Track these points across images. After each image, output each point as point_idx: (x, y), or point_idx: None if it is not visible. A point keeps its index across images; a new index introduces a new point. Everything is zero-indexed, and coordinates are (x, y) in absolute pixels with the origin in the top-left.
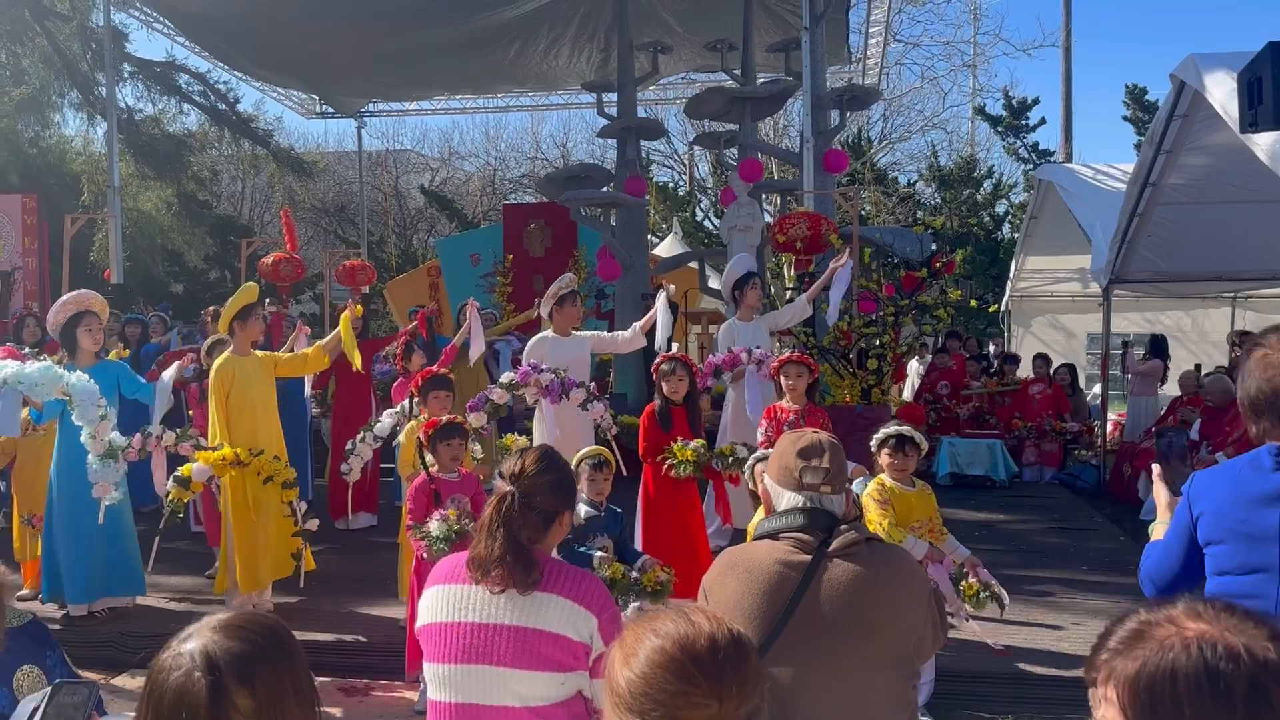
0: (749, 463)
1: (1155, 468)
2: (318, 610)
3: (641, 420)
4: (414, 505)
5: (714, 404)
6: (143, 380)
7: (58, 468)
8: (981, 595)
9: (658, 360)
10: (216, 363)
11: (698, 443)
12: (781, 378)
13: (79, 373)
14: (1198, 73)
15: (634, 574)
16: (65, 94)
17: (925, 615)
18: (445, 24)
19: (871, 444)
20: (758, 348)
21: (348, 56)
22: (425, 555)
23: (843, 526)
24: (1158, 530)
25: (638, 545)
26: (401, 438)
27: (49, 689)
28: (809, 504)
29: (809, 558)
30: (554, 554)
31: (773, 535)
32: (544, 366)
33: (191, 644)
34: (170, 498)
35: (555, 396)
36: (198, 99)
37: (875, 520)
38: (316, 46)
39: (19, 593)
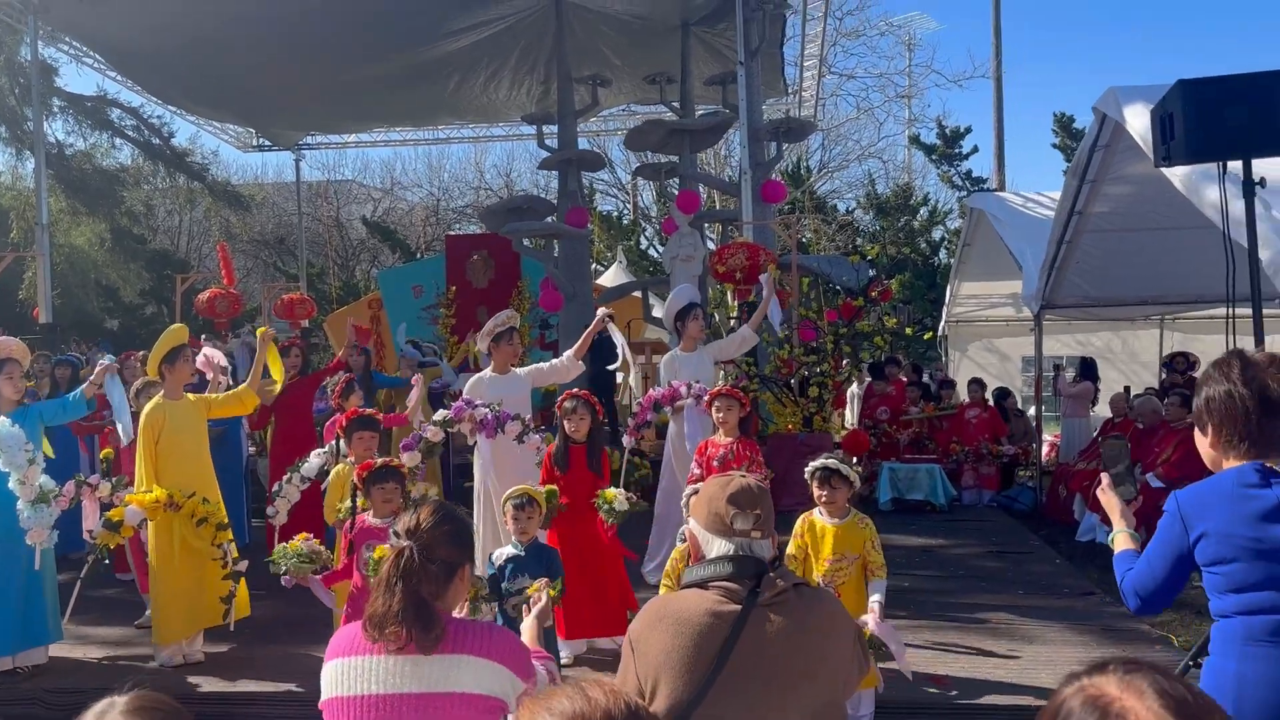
0: (685, 495)
1: (1104, 477)
2: (253, 658)
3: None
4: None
5: (659, 434)
6: (66, 397)
7: None
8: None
9: (560, 398)
10: (146, 408)
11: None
12: (713, 411)
13: (1, 418)
14: (1118, 105)
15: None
16: None
17: (851, 658)
18: (383, 58)
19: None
20: (697, 382)
21: (285, 91)
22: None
23: (771, 574)
24: (1120, 540)
25: None
26: (329, 479)
27: None
28: (738, 551)
29: (738, 607)
30: (460, 612)
31: (701, 584)
32: (478, 402)
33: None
34: (99, 542)
35: (491, 431)
36: (131, 133)
37: (789, 554)
38: (253, 81)
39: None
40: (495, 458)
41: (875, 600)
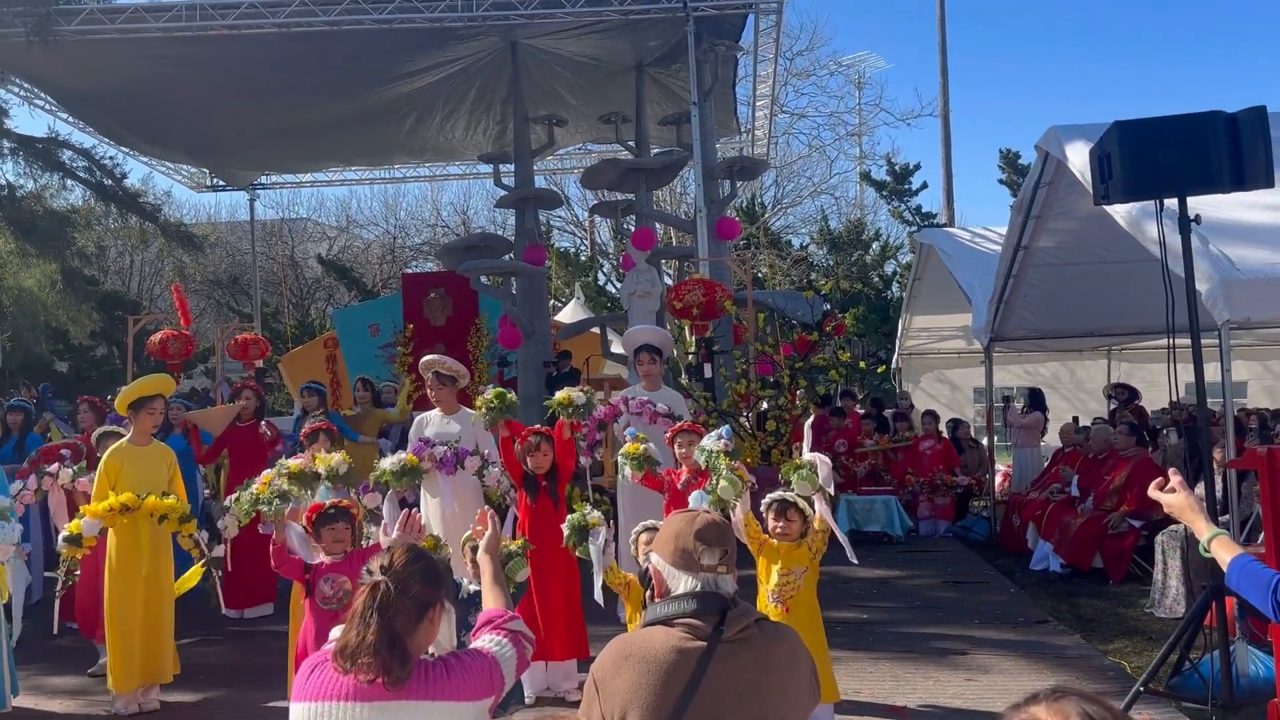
0: (634, 533)
1: (1174, 474)
2: (210, 705)
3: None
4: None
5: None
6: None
7: None
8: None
9: (526, 433)
10: (108, 452)
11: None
12: (675, 447)
13: None
14: (1060, 144)
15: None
16: None
17: (809, 689)
18: (338, 99)
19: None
20: (634, 398)
21: (239, 131)
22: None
23: (734, 610)
24: (1222, 545)
25: None
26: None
27: None
28: (703, 588)
29: (703, 644)
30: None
31: (666, 621)
32: (434, 441)
33: None
34: (63, 557)
35: (450, 468)
36: (82, 175)
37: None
38: (206, 122)
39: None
40: (457, 496)
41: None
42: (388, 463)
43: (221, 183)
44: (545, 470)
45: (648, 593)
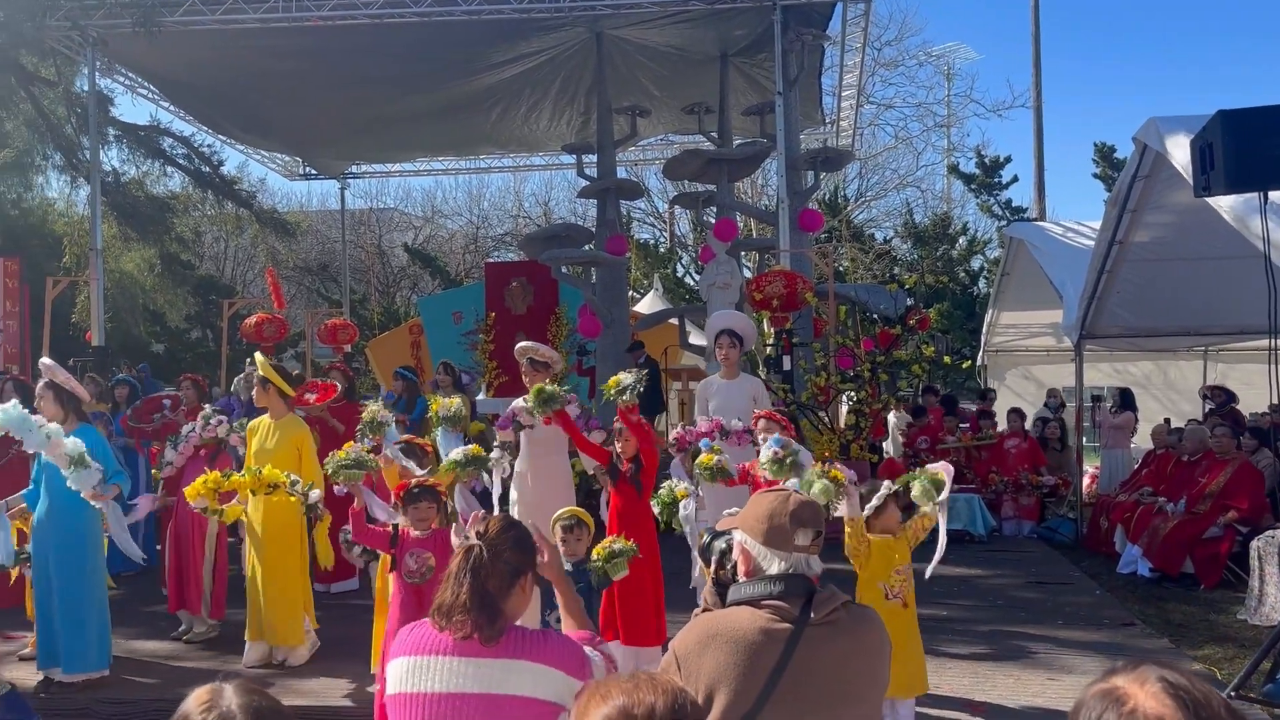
0: (706, 544)
1: None
2: (296, 676)
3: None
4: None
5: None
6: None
7: (35, 529)
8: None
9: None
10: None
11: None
12: (759, 431)
13: (3, 408)
14: (1159, 135)
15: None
16: (49, 157)
17: (888, 676)
18: (427, 90)
19: (872, 504)
20: (738, 421)
21: (330, 122)
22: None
23: (821, 593)
24: None
25: None
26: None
27: None
28: (792, 569)
29: (790, 626)
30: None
31: (752, 602)
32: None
33: (233, 701)
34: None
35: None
36: (181, 162)
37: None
38: (299, 112)
39: (20, 650)
40: (538, 481)
41: None
42: (455, 454)
43: (313, 171)
44: (631, 456)
45: (716, 573)
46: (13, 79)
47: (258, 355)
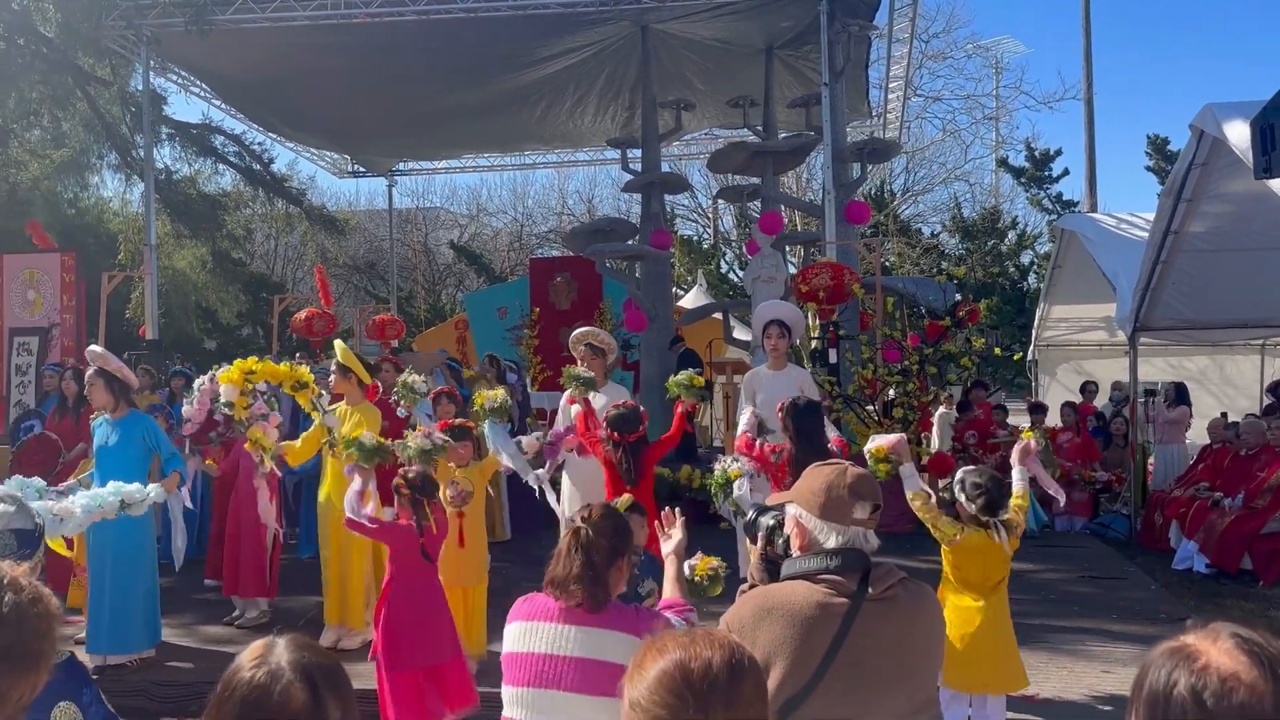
0: (752, 520)
1: None
2: (350, 660)
3: None
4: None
5: None
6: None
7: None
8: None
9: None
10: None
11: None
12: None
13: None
14: (1216, 121)
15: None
16: (104, 156)
17: (943, 651)
18: (473, 86)
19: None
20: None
21: (378, 119)
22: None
23: (879, 568)
24: None
25: None
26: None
27: None
28: (849, 543)
29: (847, 601)
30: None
31: (808, 576)
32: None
33: (281, 659)
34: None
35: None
36: (233, 160)
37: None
38: (348, 110)
39: (75, 633)
40: (579, 469)
41: None
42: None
43: (361, 169)
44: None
45: (764, 549)
46: (69, 79)
47: (338, 343)
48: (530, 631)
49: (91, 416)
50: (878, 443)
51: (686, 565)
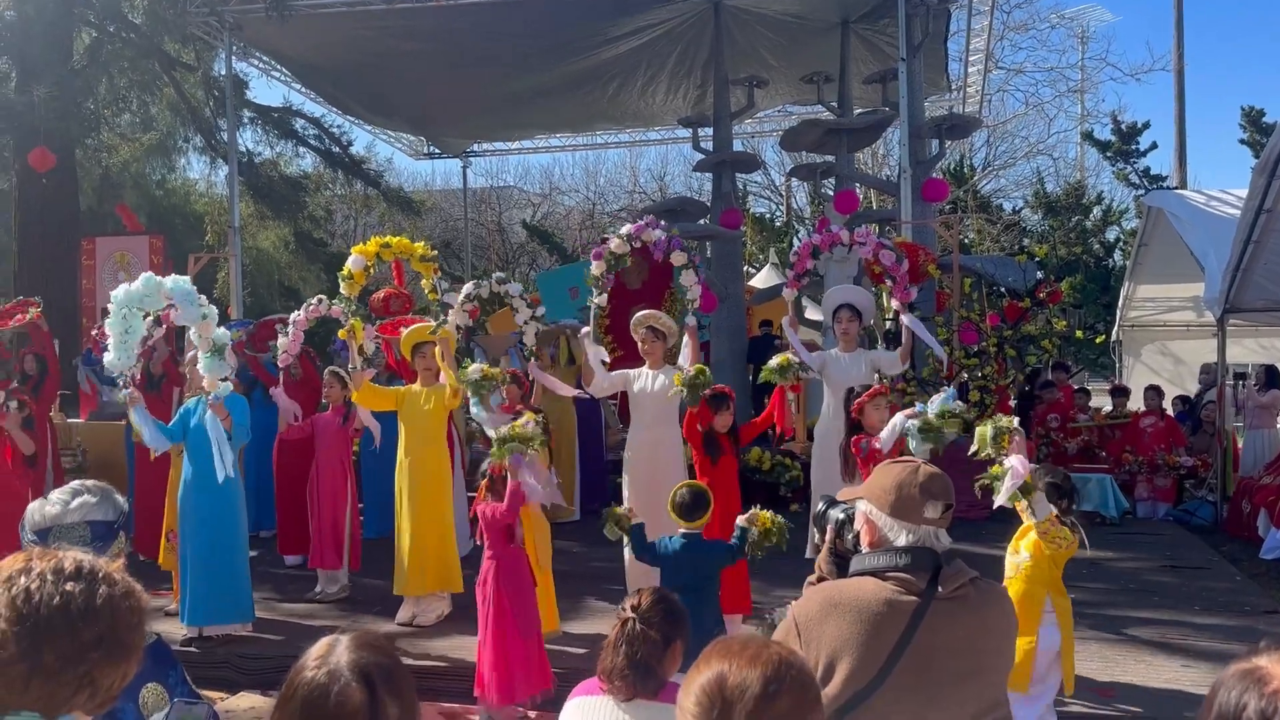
0: (821, 512)
1: None
2: (426, 636)
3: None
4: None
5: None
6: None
7: (182, 491)
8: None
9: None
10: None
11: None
12: (869, 410)
13: (173, 277)
14: None
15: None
16: (190, 139)
17: (1014, 652)
18: (545, 67)
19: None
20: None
21: (452, 101)
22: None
23: (949, 568)
24: None
25: None
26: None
27: (170, 706)
28: (919, 542)
29: (916, 599)
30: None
31: (877, 573)
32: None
33: (341, 660)
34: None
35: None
36: (313, 143)
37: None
38: (423, 92)
39: (165, 605)
40: (641, 455)
41: None
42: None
43: (437, 150)
44: (727, 430)
45: (833, 543)
46: (156, 65)
47: (445, 328)
48: (589, 706)
49: (186, 395)
50: (1012, 464)
51: (749, 515)
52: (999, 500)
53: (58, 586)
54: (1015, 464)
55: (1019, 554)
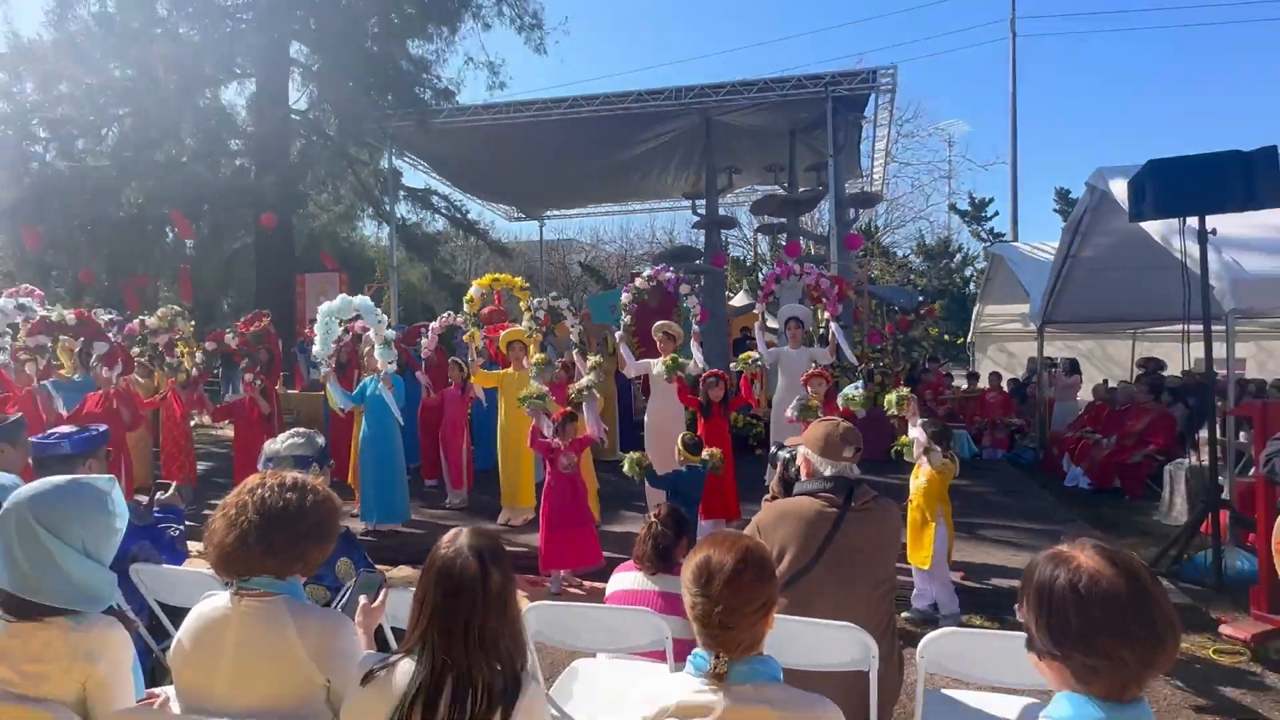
0: (774, 454)
1: None
2: (515, 532)
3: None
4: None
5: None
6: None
7: (365, 430)
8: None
9: (706, 374)
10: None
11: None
12: (808, 387)
13: (359, 297)
14: (1104, 179)
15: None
16: (364, 210)
17: (899, 546)
18: (595, 161)
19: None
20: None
21: (534, 184)
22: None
23: (859, 489)
24: None
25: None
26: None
27: (356, 574)
28: (839, 473)
29: (837, 510)
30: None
31: (812, 494)
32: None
33: (463, 542)
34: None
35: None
36: (443, 211)
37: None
38: (515, 178)
39: (351, 509)
40: (657, 413)
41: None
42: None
43: (522, 215)
44: (720, 399)
45: (781, 474)
46: (344, 162)
47: (525, 329)
48: (627, 578)
49: (363, 374)
50: (914, 435)
51: (710, 450)
52: (912, 459)
53: (280, 495)
54: (916, 435)
55: (919, 479)
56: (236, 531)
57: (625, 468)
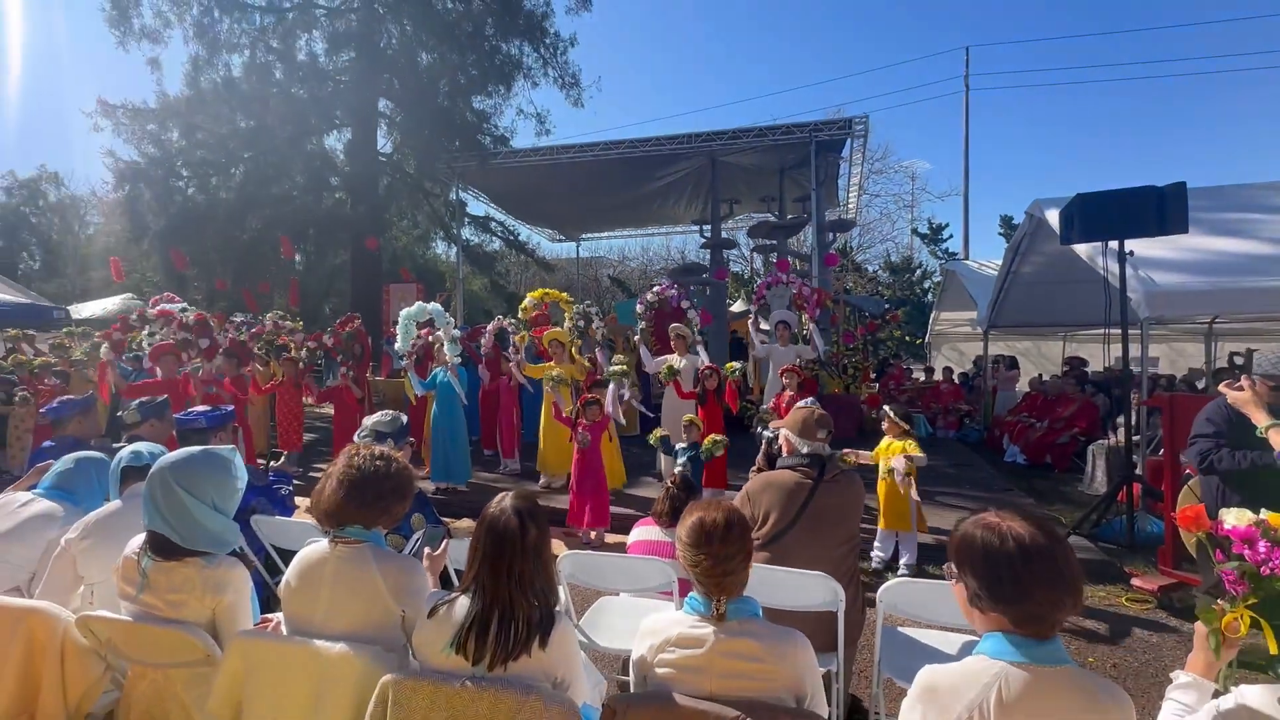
0: (767, 436)
1: (1245, 379)
2: (554, 493)
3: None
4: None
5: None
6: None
7: (436, 407)
8: None
9: (703, 367)
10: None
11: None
12: (783, 378)
13: (432, 304)
14: (1040, 208)
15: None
16: (437, 234)
17: (861, 510)
18: (622, 192)
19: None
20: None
21: (573, 212)
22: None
23: (830, 464)
24: (1275, 433)
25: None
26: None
27: (426, 526)
28: (813, 451)
29: (812, 482)
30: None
31: (792, 468)
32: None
33: (507, 503)
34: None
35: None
36: (499, 234)
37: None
38: (555, 206)
39: (422, 473)
40: (672, 400)
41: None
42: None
43: (563, 237)
44: (714, 388)
45: (766, 450)
46: (420, 195)
47: (565, 331)
48: (647, 530)
49: (434, 365)
50: (893, 464)
51: (710, 440)
52: (899, 482)
53: (371, 462)
54: (896, 464)
55: (892, 459)
56: (340, 491)
57: (650, 439)
